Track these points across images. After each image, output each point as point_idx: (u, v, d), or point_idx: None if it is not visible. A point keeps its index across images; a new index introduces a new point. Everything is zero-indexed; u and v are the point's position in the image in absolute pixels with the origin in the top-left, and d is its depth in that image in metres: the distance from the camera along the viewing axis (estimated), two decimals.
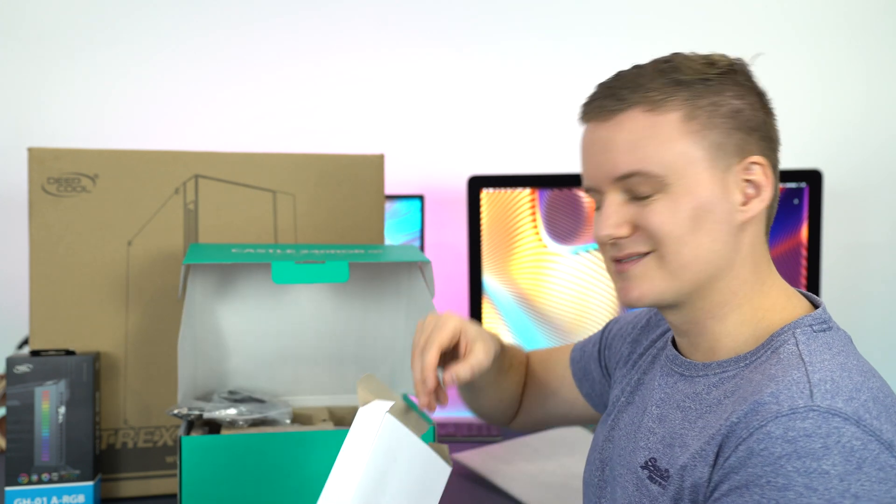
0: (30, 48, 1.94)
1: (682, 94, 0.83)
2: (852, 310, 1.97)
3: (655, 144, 0.83)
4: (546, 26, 2.00)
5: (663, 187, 0.83)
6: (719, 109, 0.84)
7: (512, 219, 1.74)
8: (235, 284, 1.34)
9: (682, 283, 0.85)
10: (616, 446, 0.97)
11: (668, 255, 0.84)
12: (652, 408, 0.91)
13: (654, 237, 0.84)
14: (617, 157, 0.84)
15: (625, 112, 0.84)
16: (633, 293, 0.86)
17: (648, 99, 0.83)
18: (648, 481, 0.86)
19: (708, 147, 0.83)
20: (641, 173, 0.83)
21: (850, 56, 1.98)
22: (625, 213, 0.85)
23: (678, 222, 0.83)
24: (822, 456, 0.71)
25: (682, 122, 0.83)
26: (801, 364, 0.78)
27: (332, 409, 1.36)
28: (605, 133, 0.85)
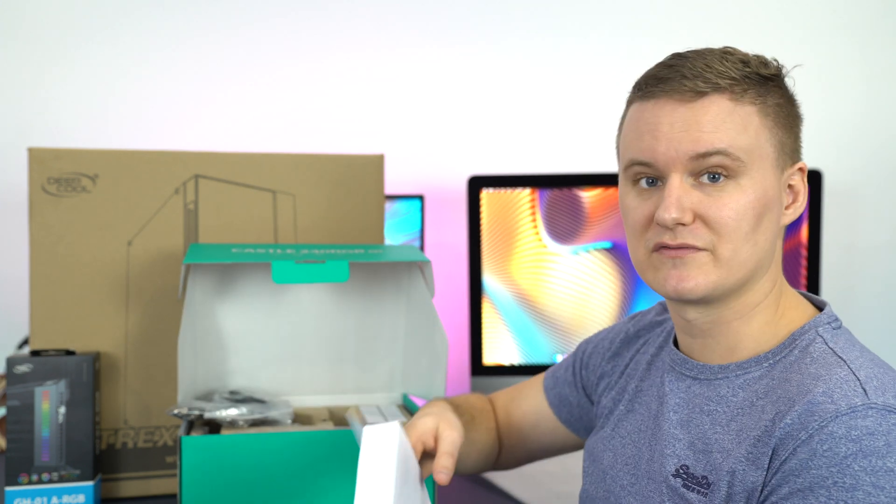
0: (30, 48, 1.94)
1: (756, 90, 0.84)
2: (852, 310, 1.97)
3: (739, 129, 0.82)
4: (546, 26, 2.00)
5: (738, 174, 0.81)
6: (783, 111, 0.85)
7: (512, 219, 1.74)
8: (235, 284, 1.34)
9: (736, 279, 0.83)
10: (620, 455, 0.95)
11: (728, 251, 0.82)
12: (670, 414, 0.89)
13: (717, 230, 0.82)
14: (700, 136, 0.81)
15: (710, 95, 0.82)
16: (689, 283, 0.82)
17: (732, 87, 0.83)
18: (684, 490, 0.84)
19: (776, 145, 0.84)
20: (725, 153, 0.81)
21: (851, 56, 1.98)
22: (691, 199, 0.82)
23: (745, 216, 0.82)
24: (886, 454, 0.71)
25: (759, 116, 0.83)
26: (840, 362, 0.78)
27: (332, 409, 1.36)
28: (687, 112, 0.82)
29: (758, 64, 0.85)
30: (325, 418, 1.32)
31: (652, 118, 0.84)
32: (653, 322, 1.04)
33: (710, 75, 0.82)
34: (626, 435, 0.95)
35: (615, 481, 0.94)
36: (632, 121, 0.87)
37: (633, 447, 0.93)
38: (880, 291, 1.98)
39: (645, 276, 0.87)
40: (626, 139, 0.88)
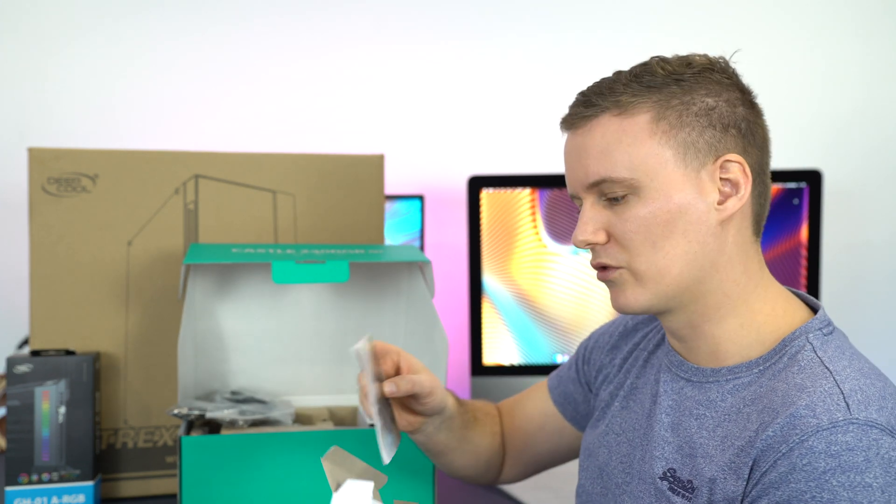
0: (30, 48, 1.94)
1: (653, 97, 0.83)
2: (852, 309, 1.97)
3: (623, 148, 0.83)
4: (546, 25, 2.00)
5: (635, 190, 0.83)
6: (690, 108, 0.83)
7: (512, 219, 1.74)
8: (235, 284, 1.34)
9: (665, 287, 0.84)
10: (615, 452, 0.95)
11: (642, 265, 0.84)
12: (662, 415, 0.89)
13: (627, 247, 0.84)
14: (588, 164, 0.85)
15: (595, 118, 0.85)
16: (619, 301, 0.87)
17: (618, 103, 0.84)
18: (670, 493, 0.84)
19: (678, 146, 0.83)
20: (611, 179, 0.84)
21: (851, 56, 1.98)
22: (601, 219, 0.86)
23: (650, 227, 0.83)
24: (865, 469, 0.71)
25: (650, 124, 0.83)
26: (827, 373, 0.78)
27: (332, 409, 1.36)
28: (578, 140, 0.87)
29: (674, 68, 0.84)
30: (325, 418, 1.32)
31: (564, 149, 0.90)
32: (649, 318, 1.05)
33: (596, 98, 0.85)
34: (621, 432, 0.96)
35: (611, 479, 0.94)
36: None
37: (628, 445, 0.94)
38: (880, 291, 1.98)
39: None
40: None
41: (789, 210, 1.70)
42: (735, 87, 0.86)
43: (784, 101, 1.97)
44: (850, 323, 1.95)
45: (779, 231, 1.71)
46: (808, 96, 1.98)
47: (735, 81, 0.86)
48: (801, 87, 1.98)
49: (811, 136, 1.97)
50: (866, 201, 1.98)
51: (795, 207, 1.70)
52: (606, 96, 0.85)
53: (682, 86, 0.84)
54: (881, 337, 1.96)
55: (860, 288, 1.98)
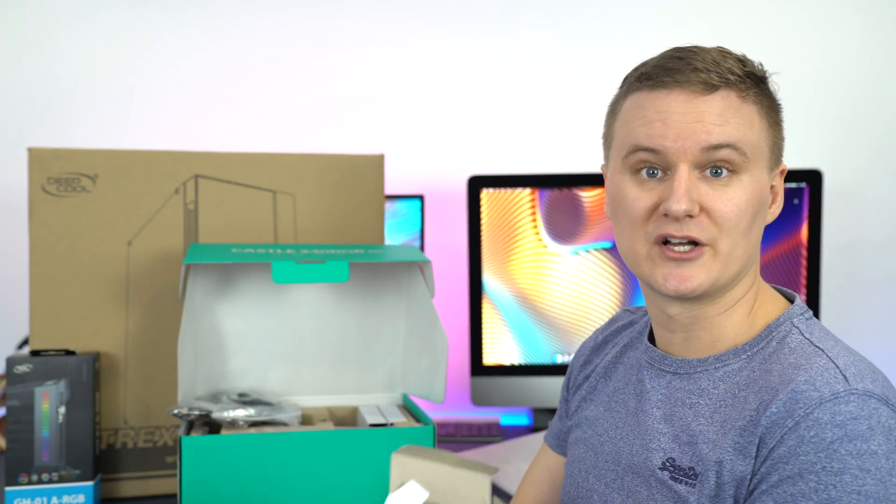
0: (30, 48, 1.94)
1: (756, 89, 0.85)
2: (852, 309, 1.97)
3: (746, 126, 0.84)
4: (547, 26, 2.00)
5: (741, 170, 0.83)
6: (773, 113, 0.88)
7: (512, 219, 1.74)
8: (235, 284, 1.34)
9: (731, 274, 0.84)
10: (601, 453, 0.95)
11: (728, 245, 0.83)
12: (653, 409, 0.90)
13: (720, 224, 0.83)
14: (712, 128, 0.82)
15: (720, 90, 0.83)
16: (692, 283, 0.83)
17: (738, 85, 0.84)
18: (672, 482, 0.85)
19: (770, 145, 0.87)
20: (734, 146, 0.82)
21: (851, 56, 1.98)
22: (696, 191, 0.83)
23: (746, 213, 0.83)
24: (870, 437, 0.73)
25: (759, 115, 0.85)
26: (819, 351, 0.80)
27: (332, 409, 1.36)
28: (700, 104, 0.83)
29: (751, 65, 0.87)
30: (324, 418, 1.32)
31: (664, 107, 0.83)
32: (620, 327, 1.05)
33: (720, 70, 0.83)
34: (604, 433, 0.96)
35: (599, 479, 0.95)
36: (637, 108, 0.86)
37: (612, 444, 0.94)
38: (881, 291, 1.98)
39: (639, 268, 0.87)
40: (628, 126, 0.87)
41: (789, 210, 1.70)
42: None
43: (784, 101, 1.97)
44: (849, 323, 1.96)
45: (779, 231, 1.71)
46: (808, 96, 1.98)
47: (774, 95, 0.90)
48: (801, 87, 1.98)
49: (811, 136, 1.97)
50: (866, 201, 1.98)
51: (795, 207, 1.70)
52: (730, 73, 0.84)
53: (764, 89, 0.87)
54: (881, 337, 1.96)
55: (860, 288, 1.98)
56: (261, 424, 1.22)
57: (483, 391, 1.76)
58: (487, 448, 1.61)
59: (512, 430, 1.80)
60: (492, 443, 1.70)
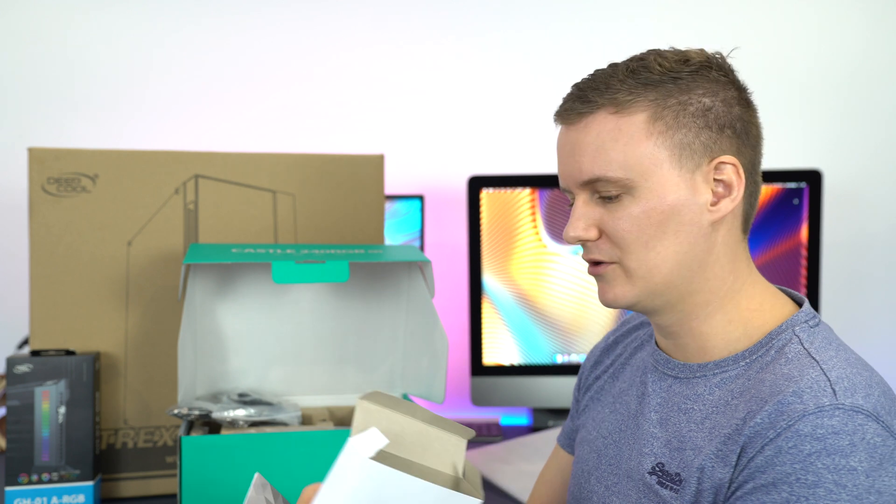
0: (30, 48, 1.94)
1: (649, 95, 0.83)
2: (852, 309, 1.97)
3: (619, 147, 0.83)
4: (547, 26, 2.00)
5: (629, 190, 0.83)
6: (687, 108, 0.83)
7: (512, 219, 1.74)
8: (235, 284, 1.34)
9: (655, 285, 0.85)
10: (604, 455, 0.95)
11: (632, 263, 0.84)
12: (650, 413, 0.90)
13: (618, 244, 0.84)
14: (582, 162, 0.84)
15: (591, 115, 0.84)
16: (608, 295, 0.87)
17: (615, 101, 0.83)
18: (658, 486, 0.85)
19: (674, 147, 0.82)
20: (605, 178, 0.83)
21: (851, 56, 1.98)
22: (593, 216, 0.86)
23: (643, 227, 0.83)
24: (850, 453, 0.72)
25: (647, 123, 0.82)
26: (813, 363, 0.79)
27: (332, 409, 1.36)
28: (573, 136, 0.86)
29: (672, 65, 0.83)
30: (324, 418, 1.32)
31: (558, 143, 0.90)
32: (632, 328, 1.06)
33: (593, 94, 0.84)
34: (608, 435, 0.96)
35: (600, 482, 0.95)
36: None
37: (615, 447, 0.94)
38: (881, 291, 1.98)
39: None
40: None
41: (789, 210, 1.70)
42: (731, 84, 0.85)
43: (784, 101, 1.97)
44: (850, 323, 1.96)
45: (779, 231, 1.71)
46: (808, 96, 1.98)
47: (732, 79, 0.86)
48: (802, 87, 1.98)
49: (811, 136, 1.97)
50: (866, 201, 1.98)
51: (795, 207, 1.70)
52: (603, 92, 0.84)
53: (679, 84, 0.83)
54: (881, 337, 1.96)
55: (860, 288, 1.98)
56: (261, 424, 1.22)
57: (483, 391, 1.76)
58: (487, 448, 1.61)
59: (512, 430, 1.80)
60: (492, 443, 1.70)
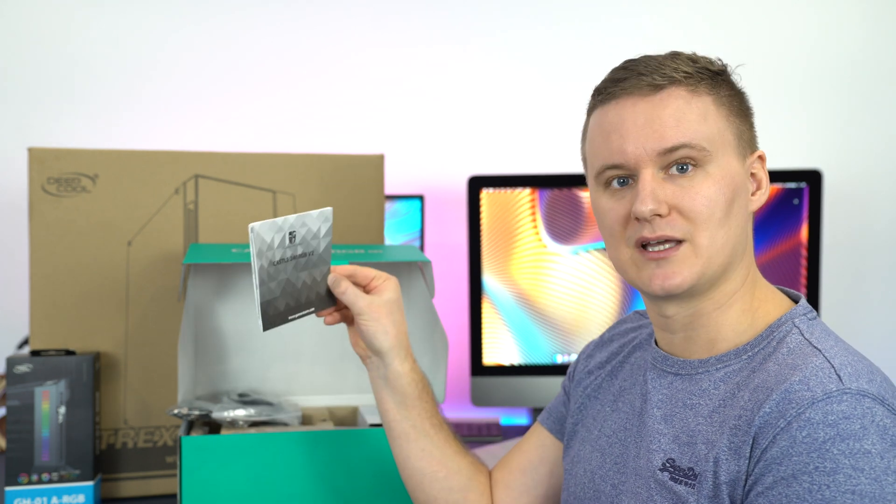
0: (30, 48, 1.94)
1: (708, 82, 0.86)
2: (852, 309, 1.97)
3: (699, 120, 0.84)
4: (547, 26, 2.00)
5: (705, 163, 0.84)
6: (735, 101, 0.88)
7: (512, 219, 1.74)
8: (235, 284, 1.34)
9: (715, 268, 0.85)
10: (608, 455, 0.95)
11: (705, 239, 0.84)
12: (654, 410, 0.90)
13: (692, 218, 0.83)
14: (664, 131, 0.84)
15: (667, 88, 0.85)
16: (675, 279, 0.84)
17: (686, 80, 0.85)
18: (672, 482, 0.84)
19: (735, 133, 0.87)
20: (690, 145, 0.83)
21: (851, 56, 1.98)
22: (663, 191, 0.84)
23: (717, 203, 0.84)
24: (863, 436, 0.73)
25: (715, 106, 0.86)
26: (816, 351, 0.80)
27: (332, 409, 1.36)
28: (647, 108, 0.85)
29: (705, 61, 0.88)
30: (324, 418, 1.32)
31: (616, 118, 0.87)
32: (628, 329, 1.06)
33: (665, 70, 0.85)
34: (612, 434, 0.96)
35: (605, 481, 0.94)
36: (596, 126, 0.90)
37: (620, 446, 0.94)
38: (881, 291, 1.98)
39: (627, 274, 0.89)
40: (593, 145, 0.91)
41: (789, 210, 1.70)
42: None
43: (784, 101, 1.97)
44: (850, 322, 1.96)
45: (779, 231, 1.71)
46: (809, 96, 1.98)
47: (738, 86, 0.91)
48: (802, 87, 1.98)
49: (811, 136, 1.97)
50: (866, 201, 1.98)
51: (795, 207, 1.70)
52: (675, 70, 0.85)
53: (718, 81, 0.87)
54: (881, 337, 1.96)
55: (860, 288, 1.98)
56: (261, 424, 1.22)
57: (483, 391, 1.76)
58: (487, 448, 1.61)
59: (512, 430, 1.80)
60: (492, 443, 1.70)
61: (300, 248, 0.96)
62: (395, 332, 1.02)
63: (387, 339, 1.01)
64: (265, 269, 0.93)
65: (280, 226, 0.94)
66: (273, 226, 0.93)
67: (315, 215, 0.97)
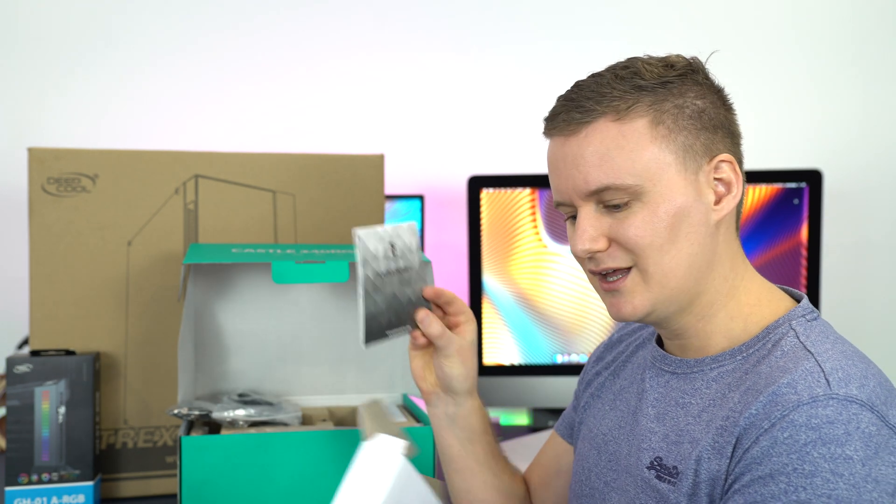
0: (30, 49, 1.94)
1: (646, 100, 0.83)
2: (852, 310, 1.97)
3: (625, 154, 0.82)
4: (546, 26, 2.00)
5: (638, 196, 0.83)
6: (684, 111, 0.84)
7: (512, 219, 1.74)
8: (235, 284, 1.34)
9: (671, 290, 0.85)
10: (604, 452, 0.96)
11: (650, 266, 0.83)
12: (647, 409, 0.91)
13: (632, 250, 0.84)
14: (588, 172, 0.83)
15: (591, 124, 0.83)
16: (626, 308, 0.86)
17: (614, 108, 0.83)
18: (657, 481, 0.85)
19: (677, 150, 0.83)
20: (613, 186, 0.82)
21: (851, 57, 1.98)
22: (601, 226, 0.85)
23: (656, 232, 0.83)
24: (845, 442, 0.72)
25: (649, 128, 0.83)
26: (808, 355, 0.80)
27: (332, 409, 1.36)
28: (573, 147, 0.84)
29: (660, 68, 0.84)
30: (324, 418, 1.32)
31: (552, 156, 0.88)
32: (635, 328, 1.06)
33: (588, 103, 0.83)
34: (608, 431, 0.97)
35: (599, 478, 0.95)
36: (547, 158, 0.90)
37: (615, 443, 0.95)
38: (881, 291, 1.98)
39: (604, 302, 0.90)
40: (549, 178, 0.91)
41: (789, 210, 1.70)
42: (713, 87, 0.87)
43: (784, 101, 1.97)
44: (850, 323, 1.96)
45: (779, 231, 1.71)
46: (809, 96, 1.98)
47: (712, 81, 0.88)
48: (802, 87, 1.98)
49: (811, 136, 1.97)
50: (866, 201, 1.98)
51: (795, 207, 1.70)
52: (600, 101, 0.83)
53: (670, 88, 0.84)
54: (882, 337, 1.96)
55: (860, 288, 1.98)
56: (261, 424, 1.22)
57: (483, 391, 1.75)
58: None
59: (512, 430, 1.80)
60: None
61: (401, 262, 0.94)
62: (474, 375, 1.01)
63: (466, 382, 1.01)
64: (370, 279, 0.90)
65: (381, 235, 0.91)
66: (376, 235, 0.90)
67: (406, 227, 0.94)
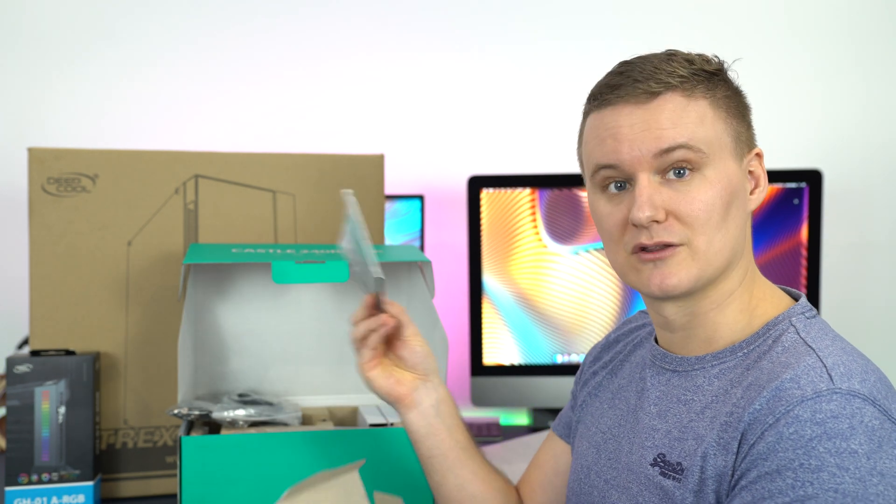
0: (30, 48, 1.94)
1: (704, 84, 0.86)
2: (852, 310, 1.97)
3: (696, 123, 0.84)
4: (546, 27, 2.00)
5: (702, 166, 0.84)
6: (732, 102, 0.87)
7: (512, 219, 1.74)
8: (235, 284, 1.34)
9: (714, 269, 0.85)
10: (603, 450, 0.96)
11: (703, 243, 0.84)
12: (649, 406, 0.91)
13: (691, 224, 0.83)
14: (661, 133, 0.83)
15: (662, 94, 0.84)
16: (671, 280, 0.84)
17: (682, 85, 0.85)
18: (661, 477, 0.85)
19: (732, 134, 0.86)
20: (687, 146, 0.83)
21: (851, 57, 1.98)
22: (660, 196, 0.84)
23: (715, 208, 0.83)
24: (850, 436, 0.73)
25: (711, 109, 0.85)
26: (810, 350, 0.80)
27: (332, 409, 1.36)
28: (644, 113, 0.84)
29: (701, 61, 0.87)
30: (324, 418, 1.32)
31: (612, 122, 0.86)
32: (632, 328, 1.06)
33: (660, 76, 0.85)
34: (607, 430, 0.97)
35: (599, 476, 0.95)
36: (591, 129, 0.89)
37: (614, 441, 0.95)
38: (881, 291, 1.98)
39: (627, 278, 0.89)
40: (588, 148, 0.90)
41: (789, 210, 1.70)
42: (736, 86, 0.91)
43: (784, 101, 1.97)
44: (850, 323, 1.96)
45: (779, 231, 1.71)
46: (809, 96, 1.98)
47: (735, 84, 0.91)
48: (802, 87, 1.98)
49: (811, 136, 1.97)
50: (866, 201, 1.98)
51: (795, 207, 1.70)
52: (669, 75, 0.85)
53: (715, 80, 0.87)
54: (881, 337, 1.96)
55: (861, 288, 1.98)
56: (261, 424, 1.22)
57: (483, 391, 1.76)
58: (487, 448, 1.61)
59: (512, 430, 1.80)
60: (492, 443, 1.70)
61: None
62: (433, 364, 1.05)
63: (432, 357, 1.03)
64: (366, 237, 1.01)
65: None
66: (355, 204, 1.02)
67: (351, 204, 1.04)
